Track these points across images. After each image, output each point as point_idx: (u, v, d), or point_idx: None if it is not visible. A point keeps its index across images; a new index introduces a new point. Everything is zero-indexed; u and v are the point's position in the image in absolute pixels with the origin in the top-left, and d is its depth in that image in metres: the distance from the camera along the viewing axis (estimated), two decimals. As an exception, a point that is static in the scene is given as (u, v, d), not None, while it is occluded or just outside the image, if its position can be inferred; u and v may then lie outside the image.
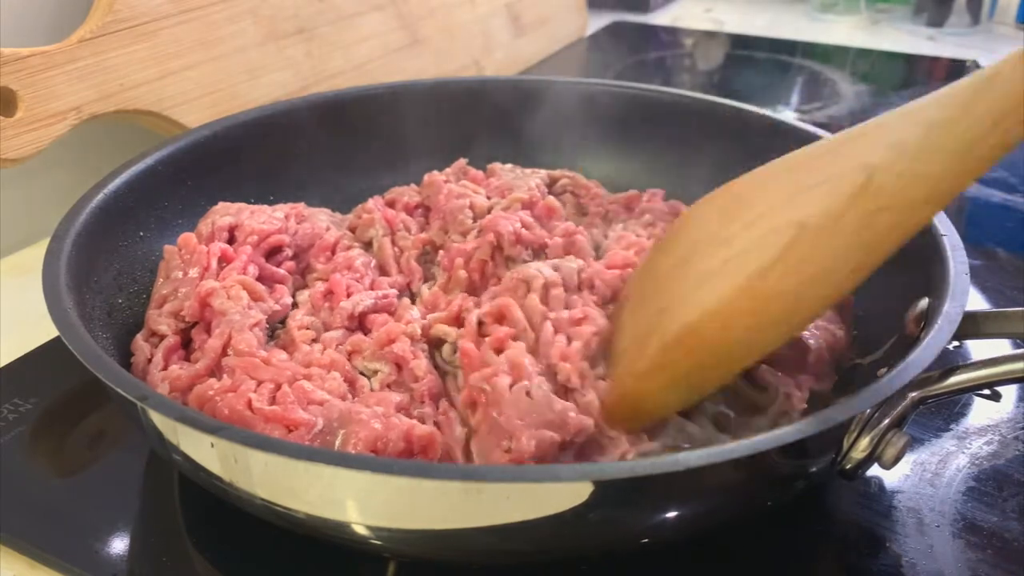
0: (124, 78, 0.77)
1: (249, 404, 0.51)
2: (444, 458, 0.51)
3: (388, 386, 0.56)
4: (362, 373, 0.57)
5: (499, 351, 0.55)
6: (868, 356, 0.58)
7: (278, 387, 0.52)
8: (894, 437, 0.46)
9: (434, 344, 0.60)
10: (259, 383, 0.52)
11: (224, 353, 0.56)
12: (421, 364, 0.56)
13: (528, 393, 0.51)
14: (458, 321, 0.60)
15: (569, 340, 0.55)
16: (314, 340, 0.59)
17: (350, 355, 0.58)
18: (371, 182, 0.75)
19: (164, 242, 0.66)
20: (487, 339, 0.56)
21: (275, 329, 0.61)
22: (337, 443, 0.49)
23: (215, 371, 0.55)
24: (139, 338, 0.58)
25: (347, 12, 1.00)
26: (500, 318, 0.57)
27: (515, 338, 0.56)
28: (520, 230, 0.67)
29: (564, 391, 0.53)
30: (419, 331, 0.59)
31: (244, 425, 0.49)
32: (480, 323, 0.58)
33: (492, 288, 0.63)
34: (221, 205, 0.67)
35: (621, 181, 0.82)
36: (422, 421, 0.52)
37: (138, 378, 0.53)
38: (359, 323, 0.62)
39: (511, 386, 0.51)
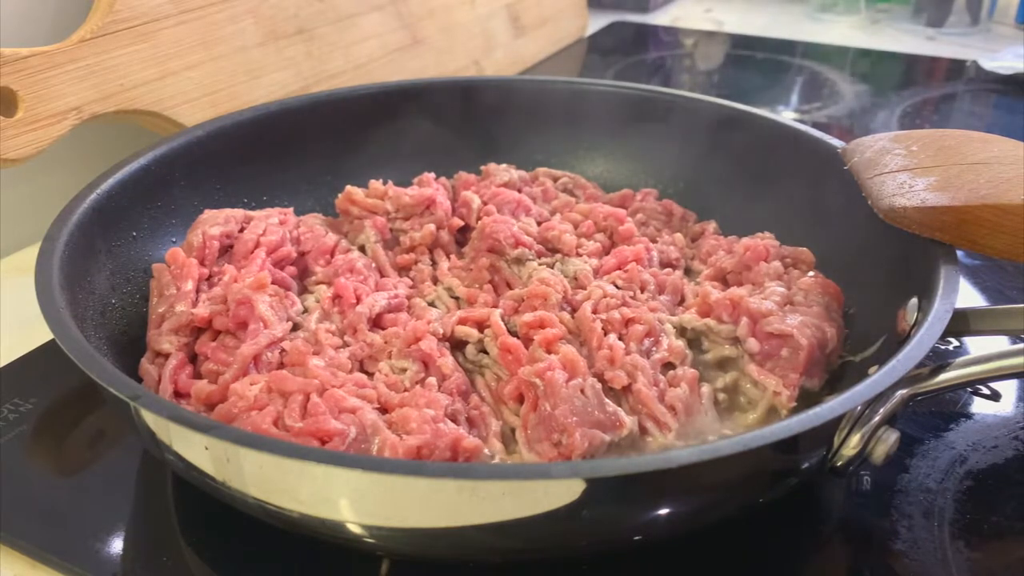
0: (124, 78, 0.77)
1: (275, 422, 0.51)
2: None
3: (419, 383, 0.56)
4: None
5: (548, 351, 0.57)
6: (859, 354, 0.58)
7: (307, 397, 0.52)
8: (884, 434, 0.46)
9: (455, 345, 0.61)
10: (287, 397, 0.52)
11: (256, 363, 0.56)
12: (447, 361, 0.57)
13: (583, 391, 0.53)
14: (480, 323, 0.61)
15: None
16: (340, 346, 0.60)
17: (368, 356, 0.59)
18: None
19: (157, 242, 0.66)
20: (536, 338, 0.58)
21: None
22: (373, 450, 0.49)
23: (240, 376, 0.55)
24: (144, 362, 0.58)
25: (347, 12, 1.00)
26: (540, 325, 0.59)
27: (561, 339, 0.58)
28: (518, 234, 0.68)
29: (612, 393, 0.55)
30: (441, 330, 0.60)
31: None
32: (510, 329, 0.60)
33: (514, 291, 0.64)
34: (208, 214, 0.67)
35: (617, 181, 0.83)
36: (454, 418, 0.53)
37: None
38: (373, 323, 0.62)
39: (567, 382, 0.53)
